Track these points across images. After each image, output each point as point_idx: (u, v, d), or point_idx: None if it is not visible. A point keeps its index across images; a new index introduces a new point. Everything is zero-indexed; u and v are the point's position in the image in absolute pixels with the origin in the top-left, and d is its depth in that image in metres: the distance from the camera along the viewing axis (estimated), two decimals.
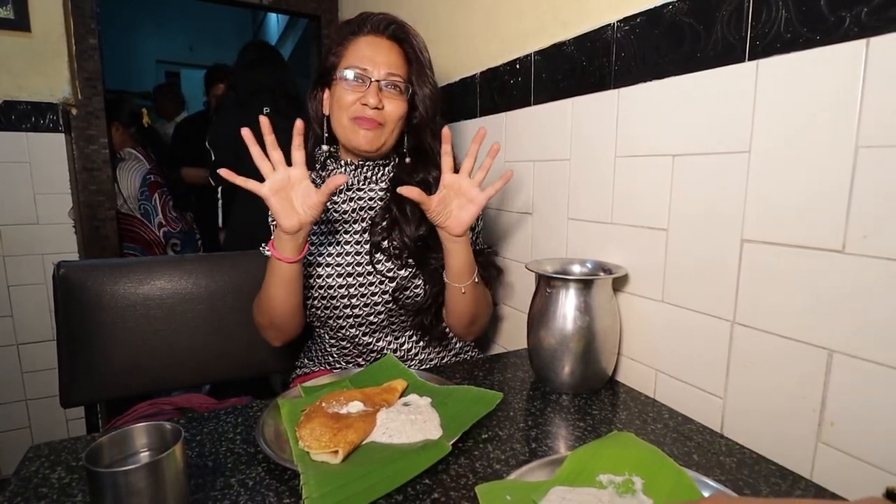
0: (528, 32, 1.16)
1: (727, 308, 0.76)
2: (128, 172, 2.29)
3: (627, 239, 0.93)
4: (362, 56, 1.02)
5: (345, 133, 1.04)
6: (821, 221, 0.63)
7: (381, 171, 1.11)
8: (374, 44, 1.03)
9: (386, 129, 1.03)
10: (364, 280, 1.04)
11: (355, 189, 1.10)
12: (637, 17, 0.87)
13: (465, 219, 0.93)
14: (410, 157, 1.10)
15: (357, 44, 1.04)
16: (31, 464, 0.67)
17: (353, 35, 1.05)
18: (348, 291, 1.04)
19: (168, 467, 0.51)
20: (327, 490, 0.59)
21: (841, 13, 0.60)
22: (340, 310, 1.05)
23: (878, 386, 0.59)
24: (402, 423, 0.73)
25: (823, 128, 0.62)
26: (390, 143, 1.07)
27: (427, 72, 1.08)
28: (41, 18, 1.85)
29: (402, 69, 1.05)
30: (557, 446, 0.73)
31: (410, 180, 1.06)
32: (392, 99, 1.03)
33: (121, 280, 1.15)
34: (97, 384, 1.14)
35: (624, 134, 0.92)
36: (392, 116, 1.03)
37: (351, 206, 1.09)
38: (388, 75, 1.02)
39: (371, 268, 1.04)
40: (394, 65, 1.03)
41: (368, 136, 1.02)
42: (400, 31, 1.06)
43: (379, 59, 1.02)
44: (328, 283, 1.04)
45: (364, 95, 1.00)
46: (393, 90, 1.03)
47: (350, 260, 1.05)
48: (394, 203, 1.06)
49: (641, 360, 0.92)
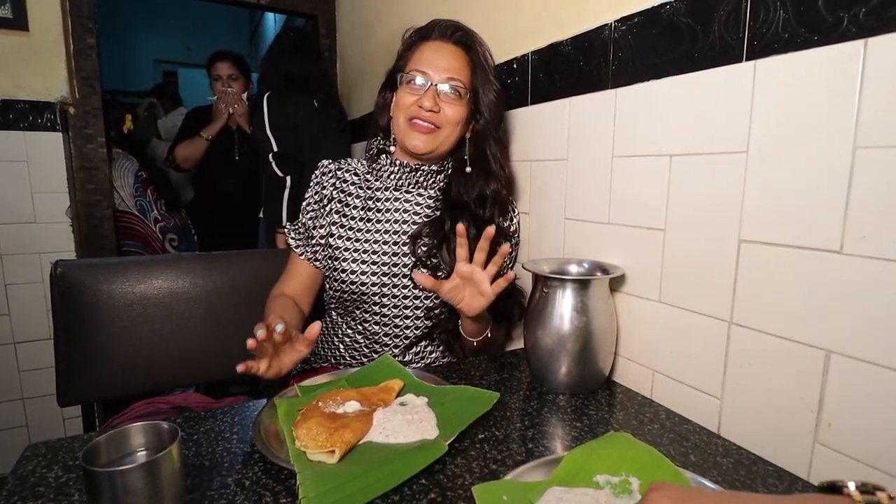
0: (525, 32, 1.16)
1: (724, 308, 0.76)
2: (121, 171, 2.32)
3: (625, 239, 0.93)
4: (425, 60, 1.03)
5: (401, 134, 1.05)
6: (818, 222, 0.63)
7: (434, 178, 1.11)
8: (439, 48, 1.05)
9: (442, 132, 1.04)
10: (398, 282, 1.05)
11: (403, 191, 1.11)
12: (635, 17, 0.87)
13: (477, 307, 0.96)
14: (471, 165, 1.09)
15: (422, 48, 1.05)
16: (27, 463, 0.67)
17: (420, 40, 1.07)
18: (381, 290, 1.05)
19: (165, 467, 0.51)
20: (324, 490, 0.59)
21: (839, 13, 0.60)
22: (370, 306, 1.06)
23: (875, 387, 0.59)
24: (398, 423, 0.73)
25: (821, 128, 0.62)
26: (446, 147, 1.07)
27: (492, 79, 1.07)
28: (39, 18, 1.85)
29: (465, 74, 1.05)
30: (554, 447, 0.73)
31: (466, 194, 1.06)
32: (451, 103, 1.03)
33: (118, 279, 1.15)
34: (94, 383, 1.13)
35: (621, 134, 0.92)
36: (450, 120, 1.03)
37: (395, 205, 1.10)
38: (448, 79, 1.02)
39: (413, 282, 1.04)
40: (455, 69, 1.03)
41: (422, 139, 1.03)
42: (466, 38, 1.07)
43: (441, 63, 1.03)
44: (361, 280, 1.05)
45: (421, 98, 1.01)
46: (452, 94, 1.03)
47: (387, 260, 1.05)
48: (449, 218, 1.05)
49: (638, 360, 0.92)
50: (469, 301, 0.96)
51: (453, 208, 1.07)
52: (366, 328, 1.09)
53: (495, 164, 1.08)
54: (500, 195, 1.09)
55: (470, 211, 1.06)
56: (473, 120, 1.08)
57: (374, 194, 1.11)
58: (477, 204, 1.07)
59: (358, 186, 1.12)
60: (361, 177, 1.13)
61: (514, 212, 1.17)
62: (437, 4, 1.52)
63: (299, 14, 2.59)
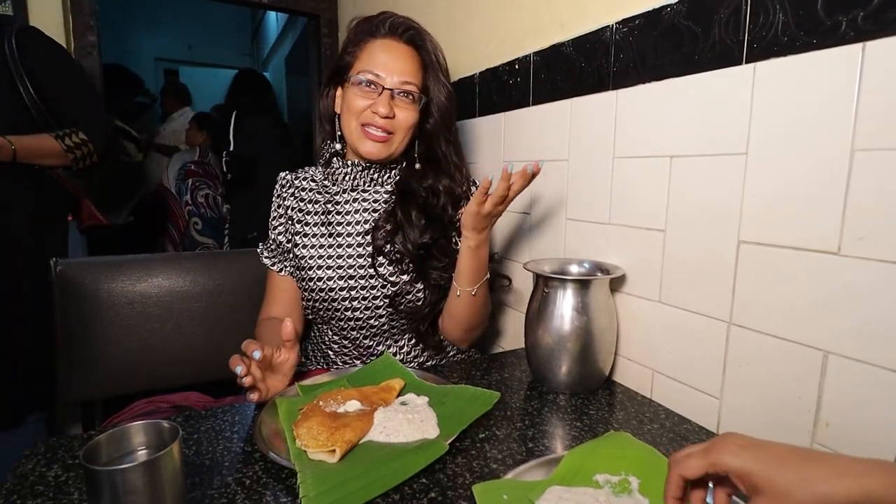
0: (527, 33, 1.17)
1: (724, 309, 0.76)
2: (177, 159, 2.88)
3: (625, 239, 0.93)
4: (376, 61, 1.00)
5: (352, 138, 1.03)
6: (817, 223, 0.63)
7: (388, 174, 1.10)
8: (390, 48, 1.02)
9: (395, 138, 1.02)
10: (366, 283, 1.03)
11: (360, 190, 1.09)
12: (636, 19, 0.87)
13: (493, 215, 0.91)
14: (420, 162, 1.08)
15: (373, 46, 1.02)
16: (27, 461, 0.67)
17: (370, 36, 1.03)
18: (349, 294, 1.03)
19: (165, 466, 0.51)
20: (324, 489, 0.59)
21: (838, 17, 0.60)
22: (342, 312, 1.04)
23: (872, 387, 0.59)
24: (399, 423, 0.73)
25: (820, 130, 0.63)
26: (399, 151, 1.05)
27: (442, 78, 1.06)
28: (40, 15, 1.85)
29: (417, 76, 1.03)
30: (554, 446, 0.73)
31: (418, 186, 1.06)
32: (404, 108, 1.01)
33: (118, 278, 1.15)
34: (94, 382, 1.14)
35: (622, 135, 0.93)
36: (402, 125, 1.02)
37: (354, 206, 1.08)
38: (401, 83, 1.00)
39: (373, 271, 1.03)
40: (408, 72, 1.01)
41: (377, 147, 1.01)
42: (417, 37, 1.04)
43: (393, 65, 1.00)
44: (329, 286, 1.03)
45: (375, 103, 0.99)
46: (406, 98, 1.01)
47: (352, 262, 1.04)
48: (399, 207, 1.05)
49: (638, 360, 0.92)
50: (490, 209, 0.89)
51: (404, 198, 1.06)
52: (347, 333, 1.08)
53: (446, 163, 1.08)
54: (454, 192, 1.07)
55: (420, 201, 1.05)
56: (424, 121, 1.07)
57: (333, 198, 1.09)
58: (429, 194, 1.05)
59: (316, 192, 1.11)
60: (319, 183, 1.12)
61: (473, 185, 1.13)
62: (438, 4, 1.52)
63: (301, 13, 2.58)
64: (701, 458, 0.45)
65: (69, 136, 1.45)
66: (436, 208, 1.06)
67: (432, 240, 1.03)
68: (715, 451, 0.44)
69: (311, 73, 2.75)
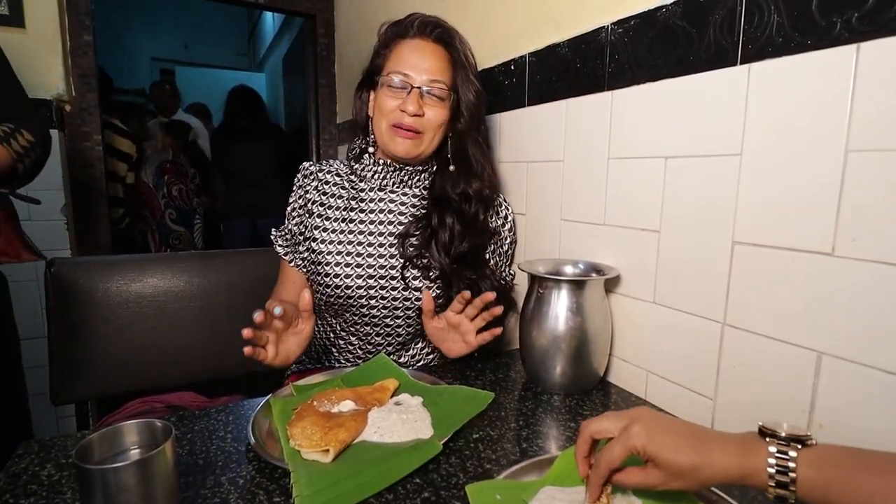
0: (522, 34, 1.17)
1: (718, 310, 0.76)
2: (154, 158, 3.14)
3: (620, 240, 0.93)
4: (406, 61, 1.01)
5: (383, 139, 1.03)
6: (811, 224, 0.64)
7: (419, 177, 1.10)
8: (419, 48, 1.02)
9: (425, 137, 1.03)
10: (386, 284, 1.03)
11: (388, 191, 1.09)
12: (631, 20, 0.88)
13: (457, 352, 0.98)
14: (454, 163, 1.08)
15: (402, 47, 1.03)
16: (20, 461, 0.67)
17: (399, 38, 1.04)
18: (367, 293, 1.03)
19: (158, 465, 0.51)
20: (318, 489, 0.59)
21: (832, 18, 0.60)
22: (358, 308, 1.04)
23: (866, 388, 0.59)
24: (393, 423, 0.73)
25: (814, 131, 0.63)
26: (429, 151, 1.05)
27: (472, 77, 1.06)
28: (36, 14, 1.84)
29: (446, 75, 1.03)
30: (548, 446, 0.73)
31: (452, 192, 1.06)
32: (433, 106, 1.01)
33: (113, 277, 1.15)
34: (88, 382, 1.13)
35: (617, 136, 0.93)
36: (432, 124, 1.02)
37: (380, 206, 1.07)
38: (430, 82, 1.00)
39: (399, 276, 1.03)
40: (437, 70, 1.01)
41: (406, 145, 1.02)
42: (446, 35, 1.05)
43: (422, 64, 1.01)
44: (346, 283, 1.02)
45: (404, 102, 0.99)
46: (435, 97, 1.01)
47: (372, 262, 1.03)
48: (435, 213, 1.04)
49: (633, 361, 0.92)
50: (451, 346, 0.98)
51: (439, 204, 1.06)
52: (357, 329, 1.08)
53: (476, 165, 1.08)
54: (483, 194, 1.08)
55: (455, 206, 1.05)
56: (455, 120, 1.07)
57: (359, 195, 1.08)
58: (461, 200, 1.06)
59: (340, 187, 1.10)
60: (344, 177, 1.11)
61: (507, 210, 1.16)
62: (434, 4, 1.52)
63: (297, 13, 2.58)
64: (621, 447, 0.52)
65: (14, 139, 1.18)
66: (469, 214, 1.06)
67: (469, 248, 1.03)
68: (627, 436, 0.52)
69: (307, 73, 2.75)
